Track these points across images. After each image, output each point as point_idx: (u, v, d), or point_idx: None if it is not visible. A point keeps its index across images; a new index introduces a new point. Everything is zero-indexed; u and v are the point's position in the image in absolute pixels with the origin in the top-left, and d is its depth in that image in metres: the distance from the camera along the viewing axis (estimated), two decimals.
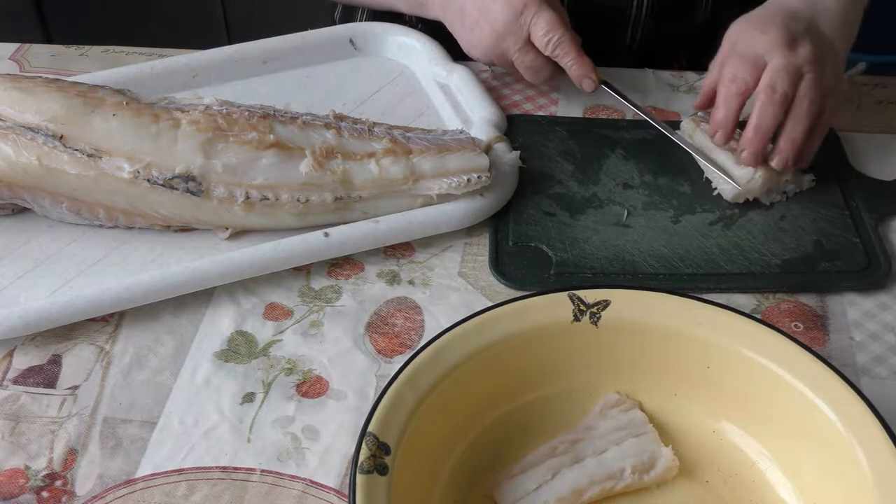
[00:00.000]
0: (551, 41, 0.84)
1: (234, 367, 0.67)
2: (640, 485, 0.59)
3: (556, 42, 0.84)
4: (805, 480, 0.58)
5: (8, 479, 0.60)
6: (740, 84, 0.77)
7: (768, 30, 0.78)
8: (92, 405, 0.65)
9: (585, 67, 0.86)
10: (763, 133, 0.76)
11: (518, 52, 0.86)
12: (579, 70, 0.86)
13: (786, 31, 0.78)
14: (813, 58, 0.77)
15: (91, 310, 0.69)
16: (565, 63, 0.86)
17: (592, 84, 0.86)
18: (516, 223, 0.78)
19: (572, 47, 0.85)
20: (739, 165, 0.78)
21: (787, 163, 0.77)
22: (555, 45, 0.85)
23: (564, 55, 0.85)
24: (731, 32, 0.82)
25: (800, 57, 0.77)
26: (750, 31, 0.79)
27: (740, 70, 0.77)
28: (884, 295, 0.73)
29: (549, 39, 0.84)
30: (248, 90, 0.90)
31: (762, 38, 0.78)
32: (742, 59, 0.78)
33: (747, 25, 0.80)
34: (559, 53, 0.85)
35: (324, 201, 0.74)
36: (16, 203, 0.76)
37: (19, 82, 0.75)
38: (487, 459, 0.60)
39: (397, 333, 0.70)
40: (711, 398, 0.61)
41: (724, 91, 0.78)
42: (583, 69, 0.86)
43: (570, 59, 0.86)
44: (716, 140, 0.79)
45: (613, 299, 0.61)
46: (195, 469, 0.61)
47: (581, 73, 0.86)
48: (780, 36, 0.77)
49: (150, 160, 0.72)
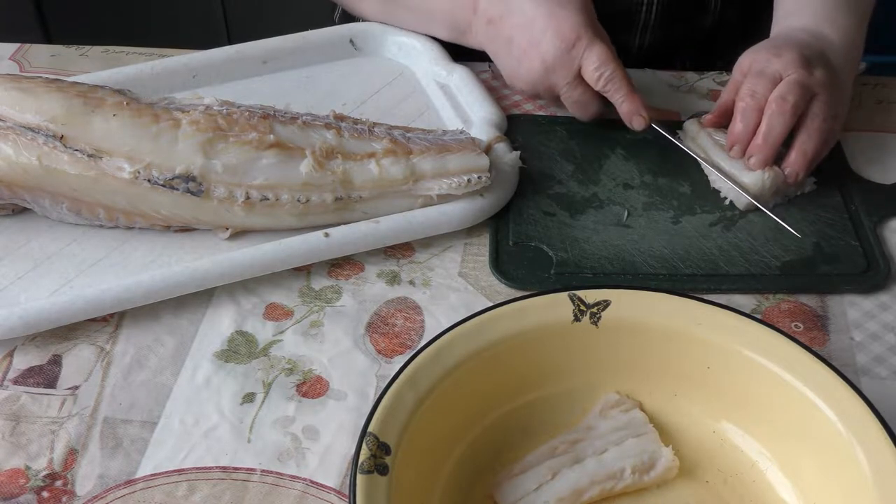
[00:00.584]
0: (603, 76, 0.82)
1: (235, 367, 0.68)
2: (640, 485, 0.59)
3: (607, 77, 0.82)
4: (805, 480, 0.58)
5: (8, 479, 0.60)
6: (760, 99, 0.78)
7: (783, 53, 0.79)
8: (92, 405, 0.65)
9: (636, 104, 0.83)
10: (772, 141, 0.77)
11: (567, 86, 0.84)
12: (630, 107, 0.83)
13: (801, 54, 0.79)
14: (826, 81, 0.79)
15: (91, 310, 0.69)
16: (616, 99, 0.83)
17: (643, 122, 0.83)
18: (516, 223, 0.78)
19: (623, 83, 0.82)
20: (747, 172, 0.79)
21: (799, 176, 0.79)
22: (606, 80, 0.82)
23: (616, 91, 0.82)
24: (744, 59, 0.82)
25: (814, 78, 0.78)
26: (764, 55, 0.80)
27: (759, 86, 0.78)
28: (884, 295, 0.73)
29: (600, 74, 0.82)
30: (248, 90, 0.90)
31: (778, 60, 0.79)
32: (760, 76, 0.79)
33: (760, 52, 0.81)
34: (610, 89, 0.82)
35: (324, 201, 0.74)
36: (16, 203, 0.76)
37: (19, 82, 0.75)
38: (487, 459, 0.60)
39: (397, 333, 0.70)
40: (711, 398, 0.61)
41: (743, 105, 0.79)
42: (634, 106, 0.83)
43: (621, 96, 0.83)
44: (733, 153, 0.80)
45: (613, 299, 0.61)
46: (195, 469, 0.61)
47: (632, 110, 0.83)
48: (796, 58, 0.78)
49: (151, 160, 0.72)
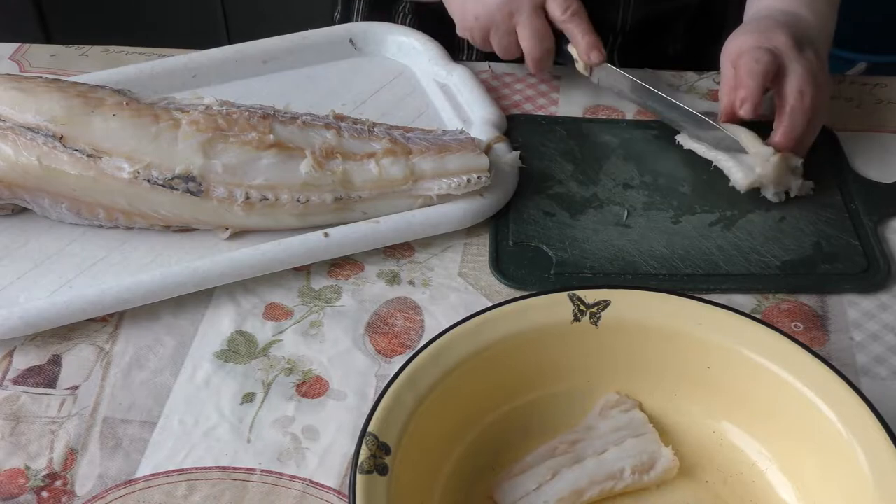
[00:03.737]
0: (570, 8, 0.84)
1: (234, 367, 0.68)
2: (640, 485, 0.59)
3: (574, 10, 0.84)
4: (805, 480, 0.58)
5: (8, 479, 0.60)
6: (765, 64, 0.77)
7: (772, 37, 0.79)
8: (92, 405, 0.65)
9: (595, 39, 0.85)
10: (795, 137, 0.78)
11: (529, 14, 0.85)
12: (591, 40, 0.85)
13: (790, 36, 0.79)
14: (819, 64, 0.79)
15: (91, 310, 0.69)
16: (577, 32, 0.85)
17: (600, 56, 0.85)
18: (516, 223, 0.78)
19: (585, 18, 0.84)
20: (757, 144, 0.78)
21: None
22: (573, 12, 0.84)
23: (577, 25, 0.85)
24: (729, 49, 0.82)
25: (812, 62, 0.78)
26: (754, 38, 0.80)
27: (760, 54, 0.78)
28: (884, 295, 0.73)
29: (567, 6, 0.83)
30: (248, 90, 0.90)
31: (769, 43, 0.79)
32: (758, 49, 0.78)
33: (747, 38, 0.81)
34: (573, 21, 0.84)
35: (324, 201, 0.74)
36: (16, 203, 0.76)
37: (19, 82, 0.75)
38: (487, 459, 0.60)
39: (397, 333, 0.70)
40: (711, 398, 0.61)
41: (747, 68, 0.78)
42: (593, 39, 0.85)
43: (582, 30, 0.85)
44: (743, 111, 0.78)
45: (613, 299, 0.61)
46: (195, 469, 0.61)
47: (591, 43, 0.85)
48: (788, 40, 0.78)
49: (150, 160, 0.72)
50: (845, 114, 0.90)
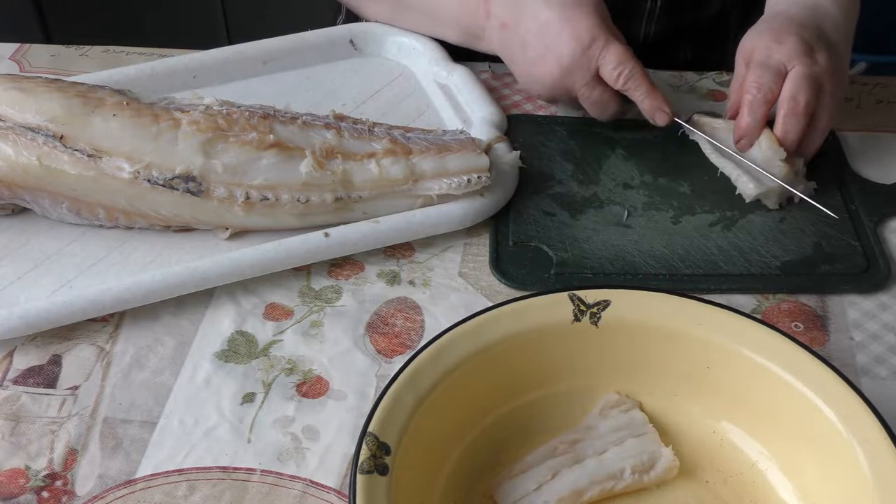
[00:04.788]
0: (622, 74, 0.81)
1: (234, 367, 0.68)
2: (640, 485, 0.59)
3: (627, 75, 0.81)
4: (805, 481, 0.58)
5: (8, 480, 0.60)
6: (766, 92, 0.78)
7: (784, 40, 0.79)
8: (92, 405, 0.65)
9: (658, 100, 0.82)
10: (790, 144, 0.78)
11: (585, 87, 0.83)
12: (652, 103, 0.82)
13: (801, 39, 0.78)
14: (830, 68, 0.78)
15: (91, 310, 0.69)
16: (637, 96, 0.82)
17: (667, 118, 0.83)
18: (516, 223, 0.78)
19: (643, 80, 0.82)
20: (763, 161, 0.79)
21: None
22: (626, 77, 0.81)
23: (636, 88, 0.82)
24: (744, 47, 0.82)
25: (819, 66, 0.78)
26: (765, 43, 0.80)
27: (765, 78, 0.78)
28: (884, 295, 0.73)
29: (619, 73, 0.81)
30: (248, 90, 0.90)
31: (779, 48, 0.78)
32: (764, 68, 0.78)
33: (759, 38, 0.80)
34: (630, 87, 0.82)
35: (324, 201, 0.74)
36: (16, 203, 0.76)
37: (19, 82, 0.75)
38: (487, 459, 0.60)
39: (397, 333, 0.70)
40: (711, 398, 0.61)
41: (750, 98, 0.78)
42: (656, 102, 0.82)
43: (641, 93, 0.82)
44: (740, 146, 0.79)
45: (613, 299, 0.61)
46: (195, 469, 0.61)
47: (655, 105, 0.82)
48: (798, 45, 0.78)
49: (150, 160, 0.72)
50: (845, 114, 0.90)
